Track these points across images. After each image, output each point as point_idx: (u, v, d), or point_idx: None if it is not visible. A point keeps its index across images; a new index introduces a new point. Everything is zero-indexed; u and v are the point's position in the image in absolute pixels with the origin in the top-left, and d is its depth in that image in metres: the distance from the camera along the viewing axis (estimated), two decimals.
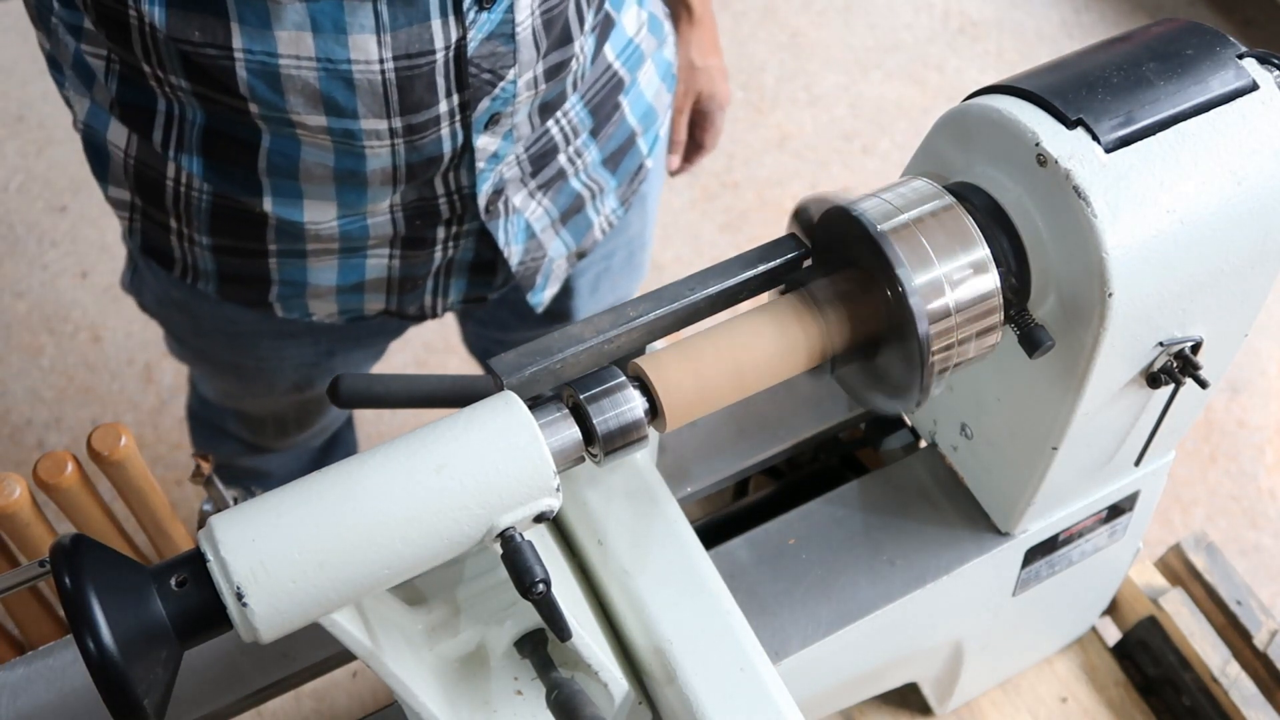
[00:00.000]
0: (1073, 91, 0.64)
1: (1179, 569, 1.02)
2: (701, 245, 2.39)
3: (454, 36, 0.83)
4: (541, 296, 1.13)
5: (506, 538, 0.58)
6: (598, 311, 1.16)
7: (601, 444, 0.61)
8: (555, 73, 0.93)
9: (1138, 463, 0.79)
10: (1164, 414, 0.74)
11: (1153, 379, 0.69)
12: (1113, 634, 1.03)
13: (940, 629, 0.87)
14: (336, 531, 0.55)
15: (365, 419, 2.00)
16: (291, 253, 0.99)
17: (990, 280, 0.62)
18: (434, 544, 0.57)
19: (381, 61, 0.82)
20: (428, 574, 0.63)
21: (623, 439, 0.62)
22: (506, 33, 0.85)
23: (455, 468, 0.57)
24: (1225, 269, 0.66)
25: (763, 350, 0.63)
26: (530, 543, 0.58)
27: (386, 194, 0.94)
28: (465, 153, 0.93)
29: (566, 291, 1.20)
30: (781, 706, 0.70)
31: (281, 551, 0.54)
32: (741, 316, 0.65)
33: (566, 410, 0.61)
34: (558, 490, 0.59)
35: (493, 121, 0.91)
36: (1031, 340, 0.64)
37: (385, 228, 0.98)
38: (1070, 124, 0.63)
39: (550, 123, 0.99)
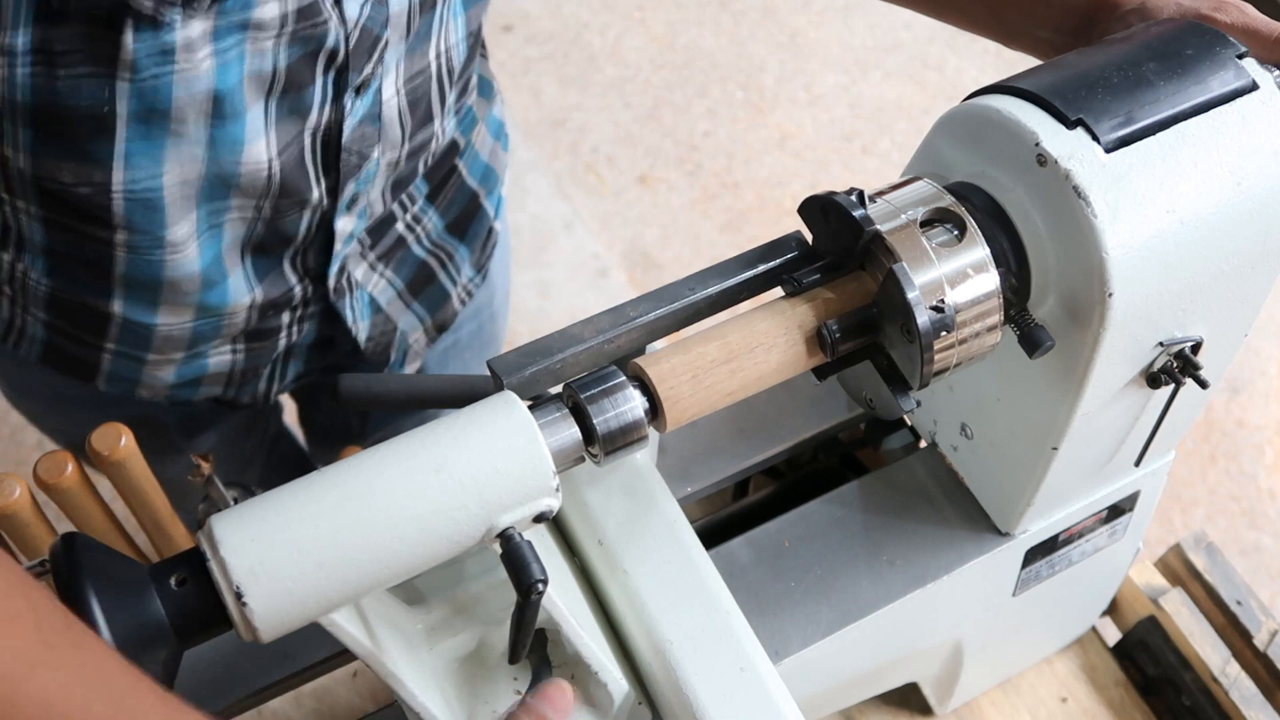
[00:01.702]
0: (1072, 91, 0.64)
1: (1179, 569, 1.02)
2: (701, 245, 2.39)
3: (329, 124, 0.82)
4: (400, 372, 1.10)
5: (506, 537, 0.58)
6: None
7: (601, 444, 0.61)
8: (417, 152, 0.92)
9: (1138, 463, 0.79)
10: (1164, 414, 0.74)
11: (1153, 379, 0.69)
12: (1113, 634, 1.03)
13: (940, 629, 0.87)
14: (336, 531, 0.55)
15: None
16: (130, 356, 0.95)
17: (990, 280, 0.62)
18: (433, 544, 0.57)
19: (269, 162, 0.80)
20: (428, 574, 0.63)
21: (623, 439, 0.61)
22: (374, 114, 0.84)
23: (454, 468, 0.57)
24: (1225, 269, 0.66)
25: (763, 350, 0.63)
26: (530, 543, 0.58)
27: (243, 286, 0.90)
28: (319, 234, 0.90)
29: (420, 368, 1.17)
30: (781, 706, 0.70)
31: (280, 551, 0.54)
32: (741, 316, 0.65)
33: (566, 410, 0.61)
34: (557, 490, 0.59)
35: (353, 203, 0.90)
36: (1031, 340, 0.64)
37: (235, 323, 0.94)
38: (1070, 124, 0.63)
39: (389, 199, 0.98)
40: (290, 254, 0.91)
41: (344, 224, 0.91)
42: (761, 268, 0.68)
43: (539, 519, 0.60)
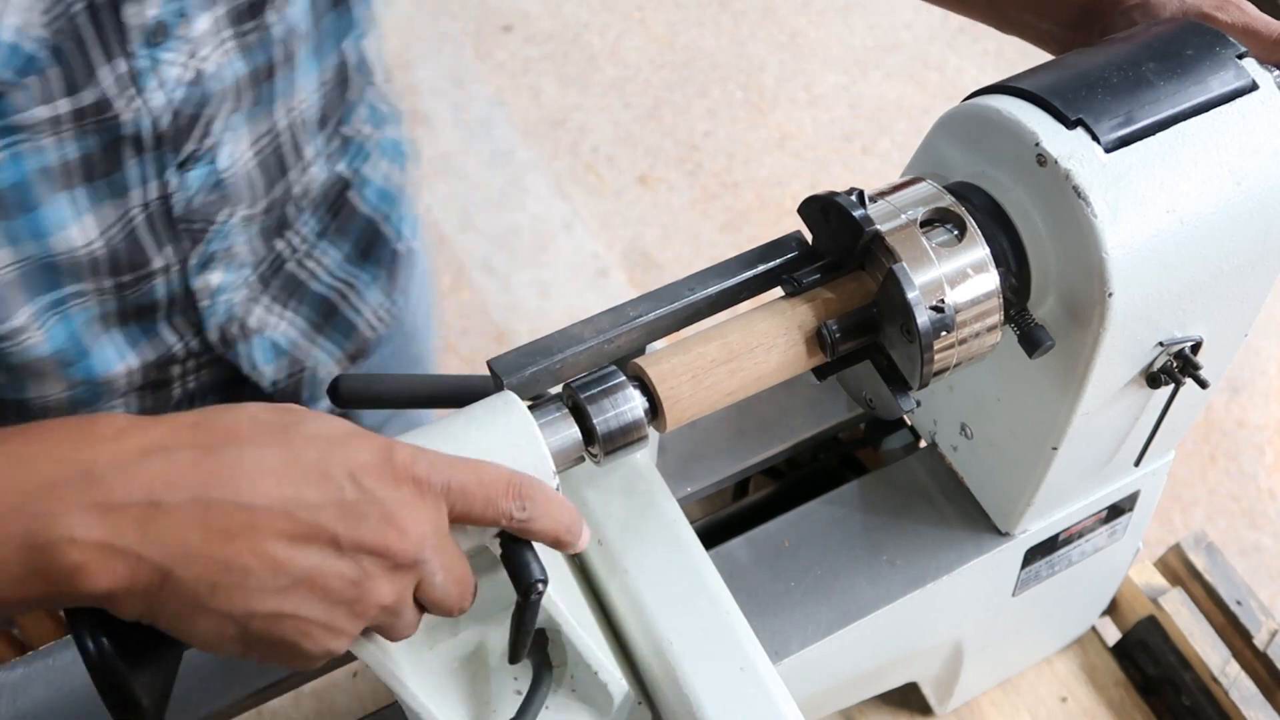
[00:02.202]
0: (1072, 91, 0.64)
1: (1179, 569, 1.02)
2: (701, 245, 2.39)
3: (157, 200, 0.79)
4: (318, 409, 1.07)
5: (506, 537, 0.58)
6: (379, 418, 1.13)
7: (601, 444, 0.61)
8: (274, 204, 0.89)
9: (1138, 463, 0.79)
10: (1164, 414, 0.74)
11: (1153, 379, 0.69)
12: (1113, 634, 1.03)
13: (940, 629, 0.87)
14: None
15: None
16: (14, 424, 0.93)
17: (990, 280, 0.62)
18: None
19: (87, 245, 0.78)
20: None
21: (623, 439, 0.62)
22: (213, 183, 0.82)
23: None
24: (1225, 269, 0.66)
25: (763, 350, 0.63)
26: (529, 542, 0.58)
27: (112, 356, 0.88)
28: (184, 295, 0.88)
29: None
30: (781, 706, 0.70)
31: None
32: (741, 316, 0.65)
33: (566, 410, 0.61)
34: (557, 490, 0.59)
35: (209, 261, 0.87)
36: (1031, 340, 0.64)
37: (119, 386, 0.92)
38: (1070, 124, 0.63)
39: (280, 243, 0.95)
40: (161, 317, 0.89)
41: (205, 282, 0.88)
42: (761, 268, 0.68)
43: None
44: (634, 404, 0.61)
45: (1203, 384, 0.69)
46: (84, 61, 0.69)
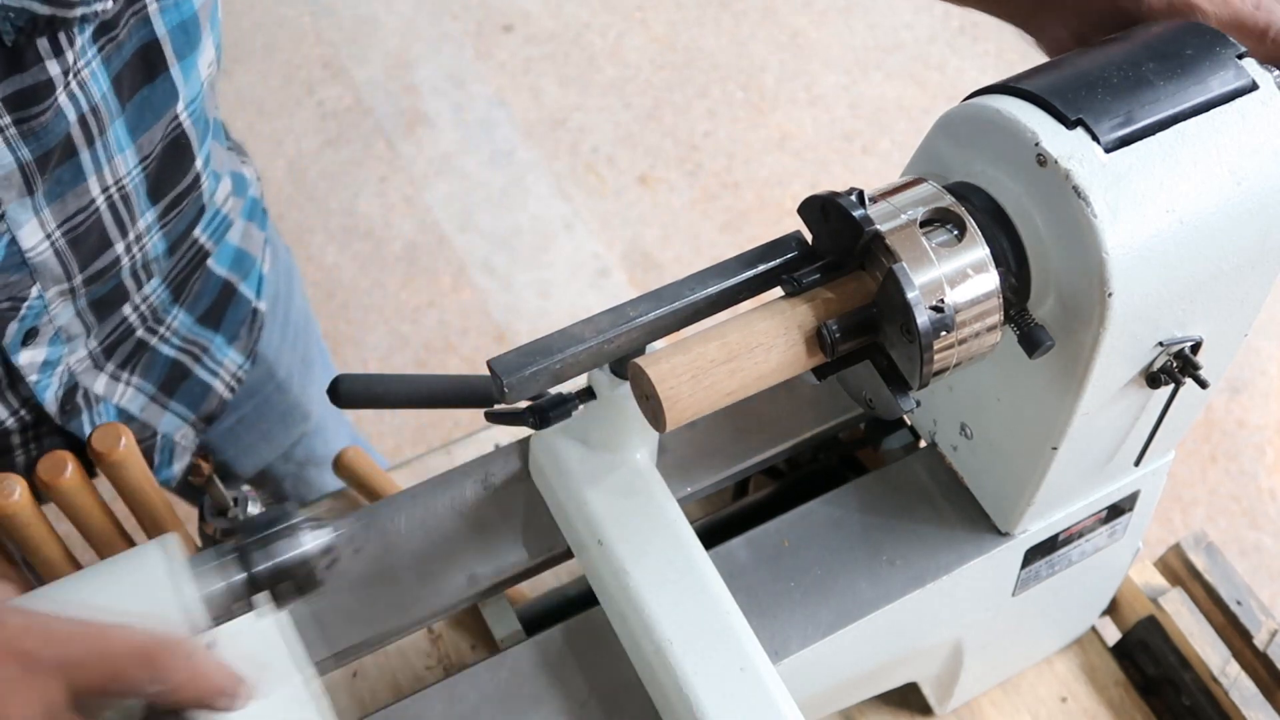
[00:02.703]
0: (1072, 91, 0.64)
1: (1179, 569, 1.02)
2: (701, 245, 2.39)
3: None
4: (170, 473, 1.04)
5: (150, 708, 0.53)
6: (259, 463, 1.12)
7: (269, 588, 0.58)
8: (99, 276, 0.85)
9: (1138, 463, 0.79)
10: (1164, 414, 0.74)
11: (1153, 379, 0.69)
12: (1113, 634, 1.03)
13: (940, 629, 0.87)
14: None
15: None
16: None
17: (990, 280, 0.62)
18: None
19: None
20: None
21: (291, 582, 0.59)
22: (14, 263, 0.77)
23: None
24: (1225, 269, 0.66)
25: (763, 350, 0.63)
26: (177, 711, 0.53)
27: None
28: (9, 373, 0.85)
29: (207, 450, 1.10)
30: (781, 706, 0.70)
31: None
32: (741, 316, 0.65)
33: (233, 555, 0.58)
34: (211, 646, 0.56)
35: (30, 336, 0.84)
36: (1031, 340, 0.64)
37: None
38: (1070, 124, 0.63)
39: (128, 310, 0.91)
40: None
41: (29, 357, 0.85)
42: (761, 268, 0.68)
43: None
44: (304, 547, 0.58)
45: (1203, 384, 0.69)
46: None
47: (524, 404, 0.73)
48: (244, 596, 0.58)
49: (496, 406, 0.73)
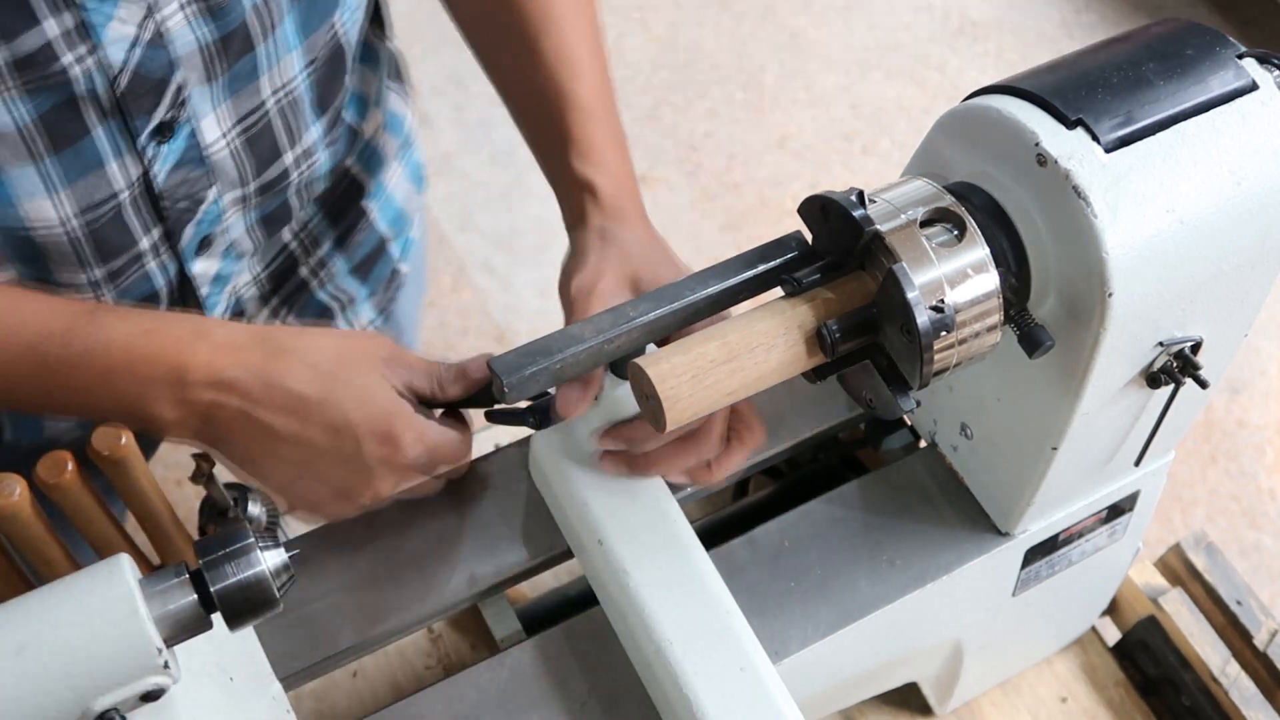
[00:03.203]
0: (1072, 91, 0.64)
1: (1179, 569, 1.02)
2: (702, 245, 2.39)
3: (135, 174, 0.78)
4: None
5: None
6: None
7: (223, 609, 0.57)
8: (270, 187, 0.87)
9: (1138, 463, 0.79)
10: (1164, 414, 0.74)
11: (1153, 379, 0.69)
12: (1113, 634, 1.03)
13: (940, 629, 0.87)
14: None
15: None
16: (26, 421, 0.92)
17: (990, 280, 0.62)
18: None
19: (63, 221, 0.77)
20: None
21: (245, 603, 0.57)
22: (195, 158, 0.80)
23: (38, 649, 0.53)
24: (1225, 269, 0.66)
25: (763, 350, 0.63)
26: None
27: None
28: (185, 284, 0.87)
29: None
30: (781, 706, 0.70)
31: None
32: (741, 316, 0.65)
33: (184, 576, 0.57)
34: (166, 668, 0.55)
35: (205, 244, 0.86)
36: (1031, 340, 0.64)
37: None
38: (1070, 124, 0.63)
39: (287, 236, 0.94)
40: (165, 302, 0.88)
41: (203, 267, 0.87)
42: (761, 267, 0.68)
43: (149, 697, 0.56)
44: (258, 567, 0.57)
45: (1203, 384, 0.69)
46: (22, 7, 0.66)
47: (524, 404, 0.73)
48: (199, 618, 0.57)
49: (497, 406, 0.74)
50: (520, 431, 1.06)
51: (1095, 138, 0.62)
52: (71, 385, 0.68)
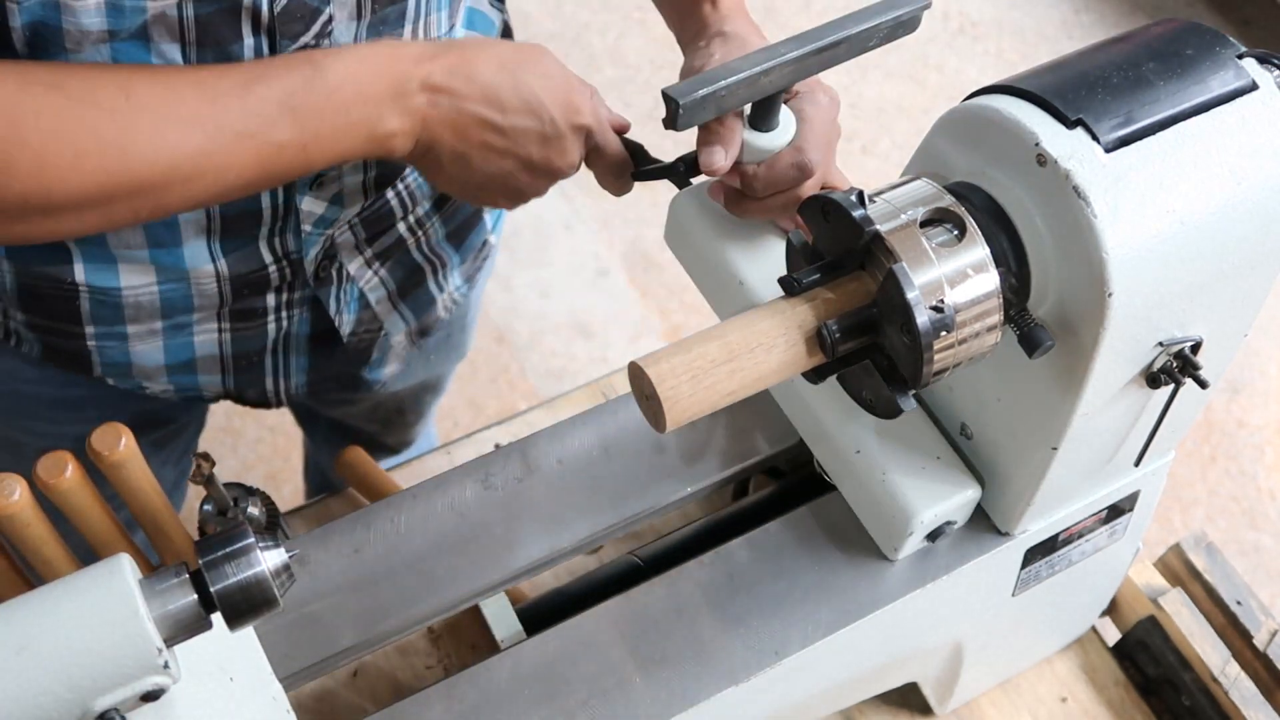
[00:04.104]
0: (1072, 91, 0.64)
1: (1179, 569, 1.02)
2: None
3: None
4: (381, 374, 1.09)
5: None
6: (398, 390, 1.21)
7: (223, 609, 0.57)
8: None
9: (1138, 463, 0.79)
10: (1164, 414, 0.74)
11: (1153, 379, 0.69)
12: (1113, 634, 1.03)
13: (940, 629, 0.87)
14: None
15: None
16: (110, 335, 0.94)
17: (990, 280, 0.62)
18: None
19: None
20: None
21: (247, 603, 0.57)
22: None
23: (38, 649, 0.53)
24: (1225, 269, 0.66)
25: (763, 350, 0.63)
26: None
27: (204, 254, 0.90)
28: (289, 215, 0.90)
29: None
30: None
31: None
32: (741, 316, 0.65)
33: (184, 576, 0.57)
34: (166, 667, 0.55)
35: (318, 184, 0.89)
36: (1031, 340, 0.64)
37: (210, 296, 0.93)
38: (1070, 124, 0.63)
39: (390, 191, 0.96)
40: (264, 233, 0.91)
41: (309, 204, 0.90)
42: (889, 15, 0.77)
43: (149, 697, 0.56)
44: (258, 567, 0.57)
45: (1203, 384, 0.69)
46: None
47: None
48: (199, 618, 0.57)
49: (648, 167, 0.89)
50: (520, 431, 1.06)
51: (1095, 138, 0.62)
52: (321, 130, 0.75)
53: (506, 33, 1.11)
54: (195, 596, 0.57)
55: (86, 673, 0.54)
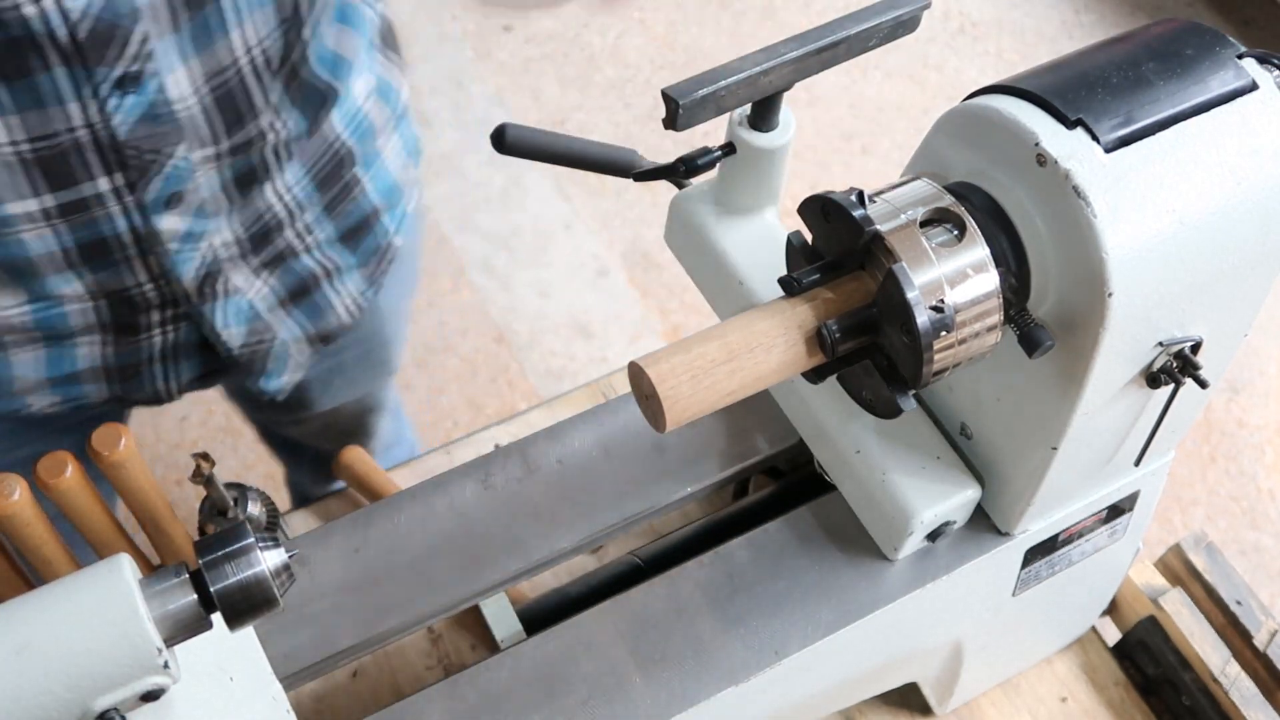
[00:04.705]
0: (1072, 91, 0.64)
1: (1179, 569, 1.02)
2: None
3: (95, 120, 0.78)
4: (278, 383, 1.07)
5: None
6: (335, 405, 1.20)
7: (223, 609, 0.57)
8: (244, 147, 0.87)
9: (1138, 463, 0.79)
10: (1164, 414, 0.74)
11: (1153, 379, 0.69)
12: (1113, 634, 1.03)
13: (940, 629, 0.87)
14: None
15: None
16: None
17: (990, 280, 0.62)
18: None
19: (14, 144, 0.77)
20: None
21: (246, 603, 0.57)
22: (163, 113, 0.80)
23: (38, 649, 0.53)
24: (1225, 269, 0.66)
25: (763, 350, 0.63)
26: None
27: (71, 280, 0.88)
28: (152, 237, 0.87)
29: (301, 384, 1.14)
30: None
31: None
32: (741, 316, 0.65)
33: (184, 576, 0.57)
34: (166, 667, 0.55)
35: (173, 200, 0.86)
36: (1031, 340, 0.64)
37: (87, 315, 0.92)
38: (1070, 124, 0.63)
39: (271, 198, 0.94)
40: (121, 257, 0.88)
41: (169, 224, 0.87)
42: (890, 15, 0.76)
43: (149, 697, 0.56)
44: (258, 567, 0.57)
45: (1203, 384, 0.69)
46: None
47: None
48: (199, 618, 0.57)
49: (639, 169, 0.86)
50: (520, 431, 1.06)
51: (1095, 138, 0.62)
52: None
53: (387, 30, 1.06)
54: (195, 596, 0.56)
55: (86, 673, 0.54)
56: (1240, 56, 0.66)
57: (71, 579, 0.55)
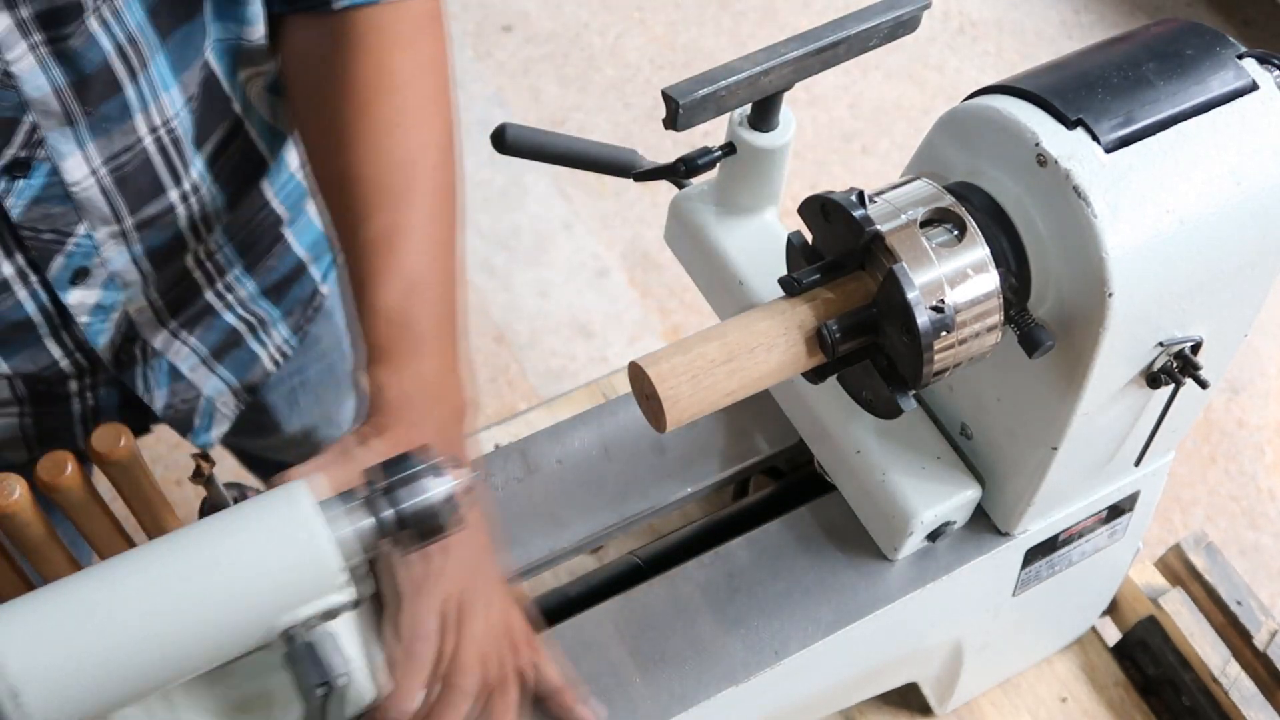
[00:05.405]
0: (1073, 91, 0.64)
1: (1179, 569, 1.02)
2: None
3: None
4: (206, 438, 1.05)
5: (288, 637, 0.56)
6: (305, 423, 1.18)
7: (402, 530, 0.59)
8: (152, 222, 0.85)
9: (1138, 463, 0.79)
10: (1164, 414, 0.74)
11: (1153, 379, 0.69)
12: (1113, 634, 1.03)
13: (940, 629, 0.87)
14: (107, 635, 0.53)
15: None
16: None
17: (990, 280, 0.62)
18: (209, 648, 0.56)
19: None
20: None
21: (422, 524, 0.59)
22: (58, 195, 0.77)
23: (227, 568, 0.55)
24: (1225, 269, 0.66)
25: (763, 350, 0.63)
26: (311, 644, 0.56)
27: None
28: (62, 313, 0.85)
29: (260, 408, 1.13)
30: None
31: (53, 653, 0.53)
32: (741, 316, 0.65)
33: (362, 499, 0.59)
34: (347, 584, 0.57)
35: (78, 277, 0.83)
36: (1031, 340, 0.64)
37: (2, 391, 0.90)
38: (1070, 124, 0.63)
39: (190, 264, 0.92)
40: (41, 334, 0.87)
41: (79, 297, 0.85)
42: (889, 15, 0.76)
43: (329, 615, 0.57)
44: (434, 491, 0.59)
45: (1203, 384, 0.69)
46: None
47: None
48: (376, 541, 0.59)
49: (640, 168, 0.87)
50: (519, 431, 1.06)
51: (1095, 138, 0.62)
52: None
53: None
54: (374, 520, 0.58)
55: (271, 591, 0.56)
56: (1240, 56, 0.66)
57: (251, 504, 0.57)
